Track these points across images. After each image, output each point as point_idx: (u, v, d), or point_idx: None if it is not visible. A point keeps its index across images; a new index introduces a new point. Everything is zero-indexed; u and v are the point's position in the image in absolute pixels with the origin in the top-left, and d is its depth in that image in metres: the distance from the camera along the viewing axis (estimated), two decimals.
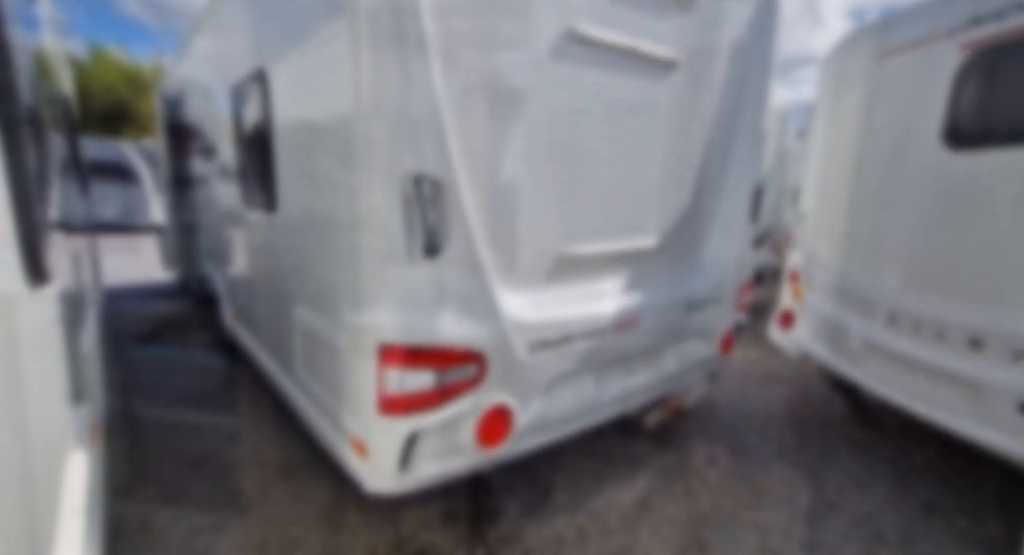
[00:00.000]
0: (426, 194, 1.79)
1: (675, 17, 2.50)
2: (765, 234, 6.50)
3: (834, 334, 3.20)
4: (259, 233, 3.19)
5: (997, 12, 2.27)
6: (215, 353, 4.77)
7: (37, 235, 0.81)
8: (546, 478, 2.85)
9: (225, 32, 3.38)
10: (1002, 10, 2.25)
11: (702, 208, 2.94)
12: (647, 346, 2.72)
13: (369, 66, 1.67)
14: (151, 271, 8.71)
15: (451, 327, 1.93)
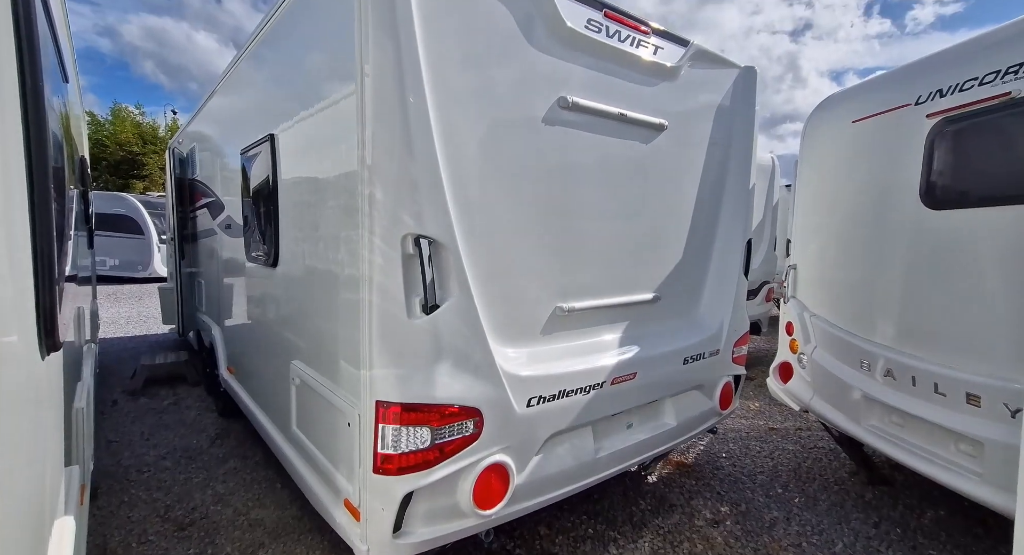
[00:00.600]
0: (426, 253, 1.85)
1: (661, 85, 2.67)
2: (761, 284, 6.57)
3: (833, 388, 3.19)
4: (259, 287, 3.24)
5: (957, 85, 2.44)
6: (208, 408, 4.70)
7: (55, 308, 0.84)
8: (546, 542, 2.75)
9: (237, 101, 3.58)
10: (961, 84, 2.42)
11: (696, 262, 3.01)
12: (645, 399, 2.70)
13: (373, 131, 1.77)
14: (149, 321, 8.72)
15: (448, 383, 1.93)
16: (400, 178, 1.81)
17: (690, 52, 2.73)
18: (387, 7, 1.73)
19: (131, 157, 25.48)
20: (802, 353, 3.48)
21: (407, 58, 1.77)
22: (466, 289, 1.96)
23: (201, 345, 5.12)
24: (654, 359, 2.68)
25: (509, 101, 2.11)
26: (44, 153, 0.73)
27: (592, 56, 2.34)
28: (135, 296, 11.35)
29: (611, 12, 2.37)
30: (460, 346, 1.96)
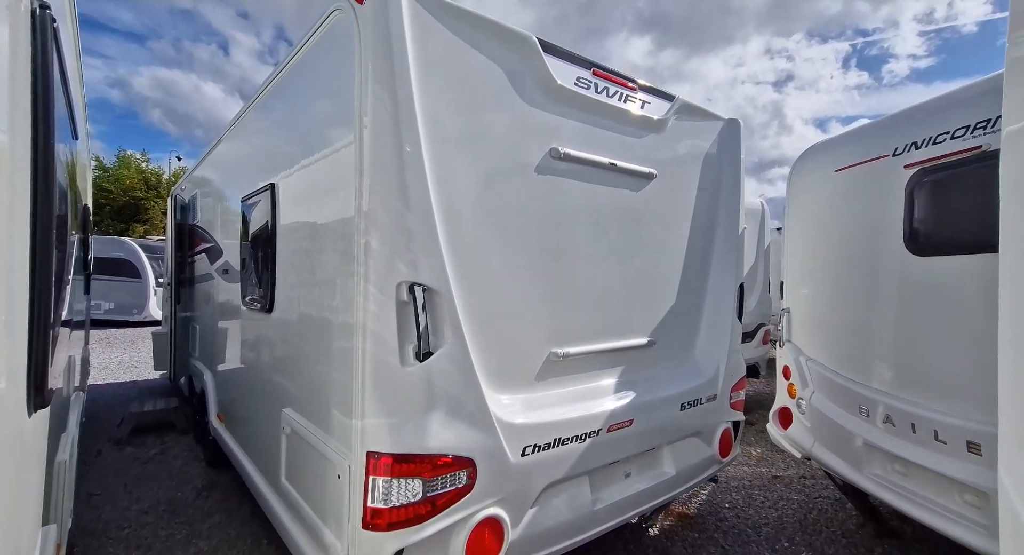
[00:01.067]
0: (420, 300, 1.86)
1: (649, 137, 2.78)
2: (757, 326, 6.57)
3: (833, 434, 3.14)
4: (254, 332, 3.23)
5: (931, 138, 2.56)
6: (196, 457, 4.56)
7: (47, 364, 0.85)
8: None
9: (241, 151, 3.69)
10: (934, 137, 2.54)
11: (689, 306, 3.03)
12: (642, 447, 2.65)
13: (370, 181, 1.83)
14: (140, 366, 8.59)
15: (441, 432, 1.90)
16: (396, 227, 1.85)
17: (675, 106, 2.86)
18: (386, 64, 1.82)
19: (134, 201, 25.90)
20: (800, 398, 3.44)
21: (404, 111, 1.85)
22: (460, 336, 1.96)
23: (192, 391, 5.03)
24: (650, 405, 2.65)
25: (502, 152, 2.19)
26: (49, 220, 0.76)
27: (582, 110, 2.45)
28: (128, 340, 11.23)
29: (599, 70, 2.50)
30: (453, 393, 1.95)
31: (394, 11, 1.81)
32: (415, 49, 1.87)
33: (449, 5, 1.98)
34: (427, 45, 1.91)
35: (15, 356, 0.74)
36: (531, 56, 2.24)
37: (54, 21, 0.75)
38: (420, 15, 1.89)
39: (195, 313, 5.07)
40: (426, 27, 1.91)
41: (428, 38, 1.92)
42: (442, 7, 1.96)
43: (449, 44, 2.00)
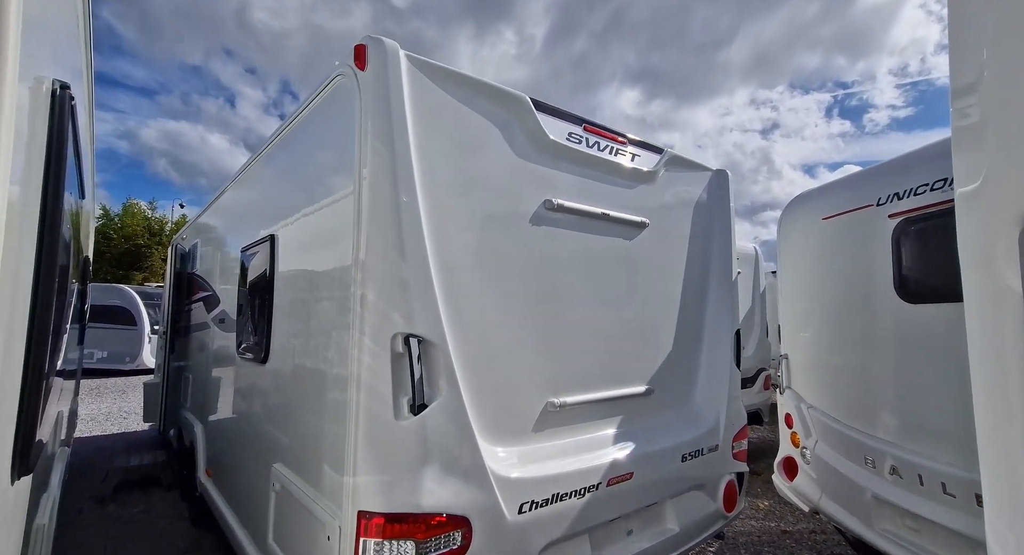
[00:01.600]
0: (415, 351, 1.86)
1: (640, 188, 2.86)
2: (757, 371, 6.50)
3: (840, 487, 3.04)
4: (247, 383, 3.18)
5: (912, 189, 2.65)
6: (180, 515, 4.38)
7: (35, 432, 0.83)
8: None
9: (243, 202, 3.78)
10: (915, 188, 2.63)
11: (686, 353, 3.02)
12: (644, 502, 2.56)
13: (368, 234, 1.87)
14: (130, 417, 8.37)
15: (435, 489, 1.84)
16: (392, 279, 1.87)
17: (665, 158, 2.97)
18: (385, 122, 1.90)
19: (135, 249, 26.12)
20: (804, 447, 3.36)
21: (401, 165, 1.91)
22: (455, 387, 1.94)
23: (181, 444, 4.89)
24: (651, 457, 2.58)
25: (498, 204, 2.25)
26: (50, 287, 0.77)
27: (575, 163, 2.54)
28: (118, 390, 11.00)
29: (590, 126, 2.61)
30: (448, 447, 1.90)
31: (393, 76, 1.92)
32: (413, 109, 1.96)
33: (445, 70, 2.09)
34: (424, 106, 2.01)
35: (2, 421, 0.73)
36: (524, 114, 2.35)
37: (72, 99, 0.80)
38: (418, 79, 2.00)
39: (189, 362, 5.01)
40: (424, 89, 2.02)
41: (425, 99, 2.02)
42: (439, 71, 2.07)
43: (446, 104, 2.10)
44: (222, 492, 3.41)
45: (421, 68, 2.01)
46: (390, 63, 1.91)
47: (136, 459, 5.25)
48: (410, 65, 1.97)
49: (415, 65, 1.99)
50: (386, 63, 1.90)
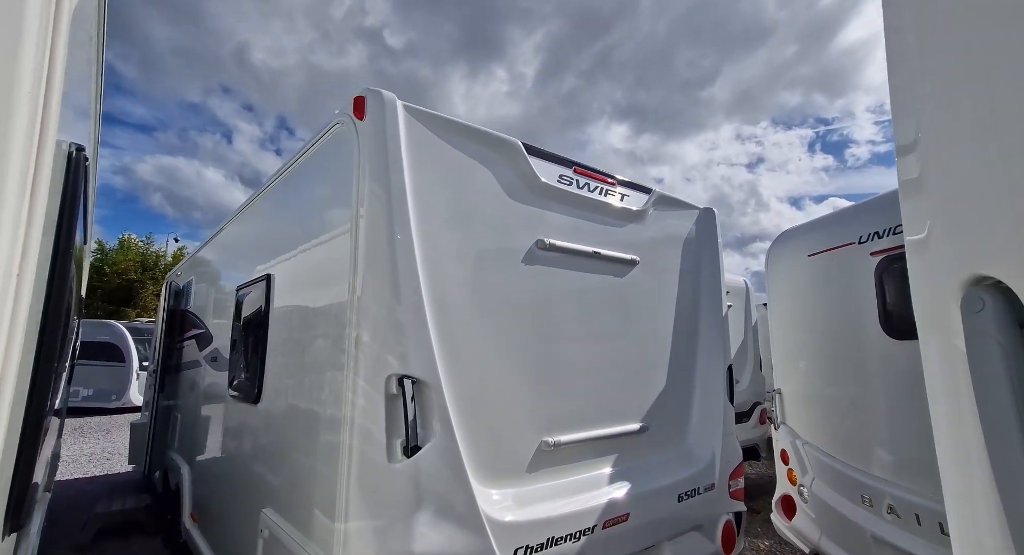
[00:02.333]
0: (408, 392, 1.86)
1: (630, 226, 2.94)
2: (752, 405, 6.46)
3: (839, 526, 3.00)
4: (238, 424, 3.14)
5: (891, 228, 2.75)
6: None
7: (29, 490, 0.83)
8: None
9: (239, 242, 3.83)
10: (894, 227, 2.73)
11: (680, 389, 3.03)
12: (641, 544, 2.52)
13: (363, 277, 1.91)
14: (113, 458, 8.13)
15: (427, 534, 1.81)
16: (387, 321, 1.90)
17: (653, 198, 3.06)
18: (382, 167, 1.97)
19: (127, 284, 25.91)
20: (802, 485, 3.33)
21: (397, 205, 1.97)
22: (448, 428, 1.94)
23: (167, 487, 4.75)
24: (646, 497, 2.55)
25: (491, 245, 2.31)
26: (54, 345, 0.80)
27: (566, 204, 2.62)
28: (102, 429, 10.71)
29: (580, 168, 2.70)
30: (442, 490, 1.88)
31: (391, 125, 2.00)
32: (409, 156, 2.04)
33: (441, 118, 2.19)
34: (420, 152, 2.09)
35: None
36: (516, 158, 2.44)
37: (86, 160, 0.85)
38: (414, 127, 2.09)
39: (178, 401, 4.93)
40: (419, 137, 2.10)
41: (421, 146, 2.10)
42: (434, 120, 2.16)
43: (441, 150, 2.18)
44: (207, 538, 3.31)
45: (417, 117, 2.10)
46: (387, 113, 2.00)
47: (118, 504, 5.07)
48: (407, 114, 2.06)
49: (411, 114, 2.08)
50: (384, 114, 1.99)
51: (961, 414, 0.57)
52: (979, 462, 0.53)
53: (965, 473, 0.60)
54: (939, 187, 0.63)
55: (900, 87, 0.73)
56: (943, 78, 0.64)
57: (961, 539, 0.64)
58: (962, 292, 0.57)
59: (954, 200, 0.61)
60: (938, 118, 0.65)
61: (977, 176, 0.58)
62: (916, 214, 0.69)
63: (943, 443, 0.67)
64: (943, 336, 0.61)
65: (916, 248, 0.69)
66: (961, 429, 0.57)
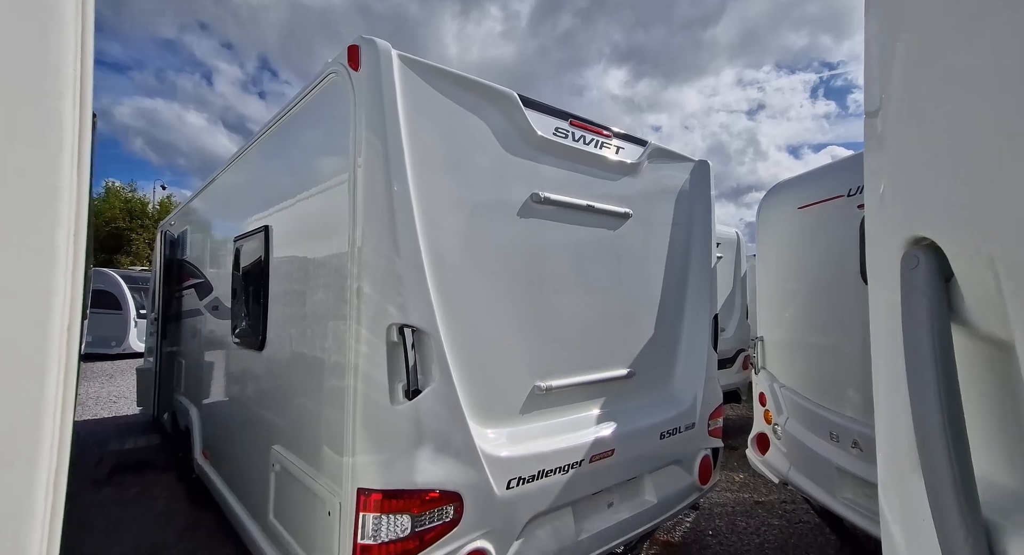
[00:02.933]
0: (409, 340, 1.97)
1: (624, 179, 2.97)
2: (736, 352, 6.74)
3: (808, 460, 3.26)
4: (243, 369, 3.27)
5: None
6: (177, 496, 4.50)
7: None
8: None
9: (235, 192, 3.81)
10: None
11: (667, 337, 3.17)
12: (624, 476, 2.74)
13: (363, 230, 1.95)
14: (120, 401, 8.41)
15: (429, 468, 1.97)
16: (387, 272, 1.97)
17: (648, 150, 3.07)
18: (378, 118, 1.96)
19: (117, 232, 25.60)
20: (776, 424, 3.57)
21: (394, 156, 1.98)
22: (447, 373, 2.06)
23: (175, 428, 4.98)
24: (631, 435, 2.74)
25: (487, 198, 2.34)
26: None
27: (561, 157, 2.62)
28: (106, 374, 10.98)
29: (576, 120, 2.69)
30: (441, 430, 2.03)
31: (386, 75, 1.98)
32: (405, 107, 2.03)
33: (436, 69, 2.15)
34: (416, 103, 2.07)
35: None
36: (513, 110, 2.42)
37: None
38: (410, 77, 2.06)
39: (182, 348, 5.07)
40: (416, 88, 2.08)
41: (417, 97, 2.08)
42: (430, 70, 2.13)
43: (437, 102, 2.16)
44: (220, 473, 3.53)
45: (412, 67, 2.07)
46: (383, 64, 1.97)
47: (130, 442, 5.33)
48: (402, 65, 2.03)
49: (407, 65, 2.05)
50: (379, 64, 1.96)
51: (894, 356, 0.66)
52: (903, 395, 0.62)
53: (892, 404, 0.70)
54: (894, 151, 0.69)
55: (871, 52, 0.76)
56: (907, 49, 0.68)
57: (885, 461, 0.76)
58: (903, 250, 0.65)
59: (904, 165, 0.67)
60: (897, 86, 0.70)
61: (924, 144, 0.64)
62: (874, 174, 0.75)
63: (879, 379, 0.76)
64: (887, 288, 0.69)
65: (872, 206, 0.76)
66: (893, 368, 0.66)
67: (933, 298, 0.59)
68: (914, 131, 0.65)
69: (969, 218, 0.57)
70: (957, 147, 0.58)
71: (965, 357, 0.60)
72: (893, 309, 0.66)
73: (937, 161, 0.61)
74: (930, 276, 0.60)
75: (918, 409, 0.60)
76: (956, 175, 0.59)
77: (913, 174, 0.65)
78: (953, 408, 0.57)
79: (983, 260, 0.54)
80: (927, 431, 0.58)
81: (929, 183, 0.63)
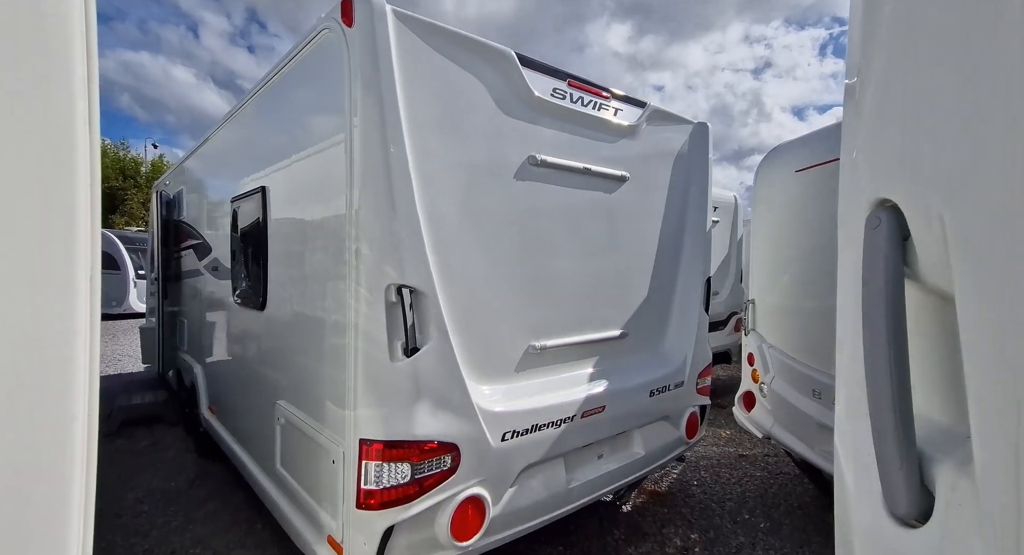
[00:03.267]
0: (407, 301, 2.02)
1: (622, 142, 2.96)
2: (729, 314, 6.85)
3: (790, 415, 3.41)
4: (245, 329, 3.35)
5: None
6: (186, 448, 4.68)
7: None
8: None
9: (231, 152, 3.77)
10: None
11: (660, 300, 3.25)
12: (614, 431, 2.87)
13: (360, 192, 1.98)
14: (124, 359, 8.58)
15: (427, 421, 2.08)
16: (385, 234, 2.00)
17: (647, 112, 3.04)
18: (373, 76, 1.94)
19: (110, 191, 25.28)
20: (762, 383, 3.70)
21: (390, 116, 1.98)
22: (444, 332, 2.14)
23: (181, 385, 5.13)
24: (622, 392, 2.86)
25: (483, 160, 2.35)
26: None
27: (558, 119, 2.61)
28: (109, 333, 11.13)
29: (574, 81, 2.65)
30: (438, 386, 2.12)
31: (380, 33, 1.94)
32: (400, 64, 2.00)
33: (433, 25, 2.11)
34: (411, 61, 2.04)
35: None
36: (510, 70, 2.39)
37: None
38: (405, 35, 2.03)
39: (183, 308, 5.15)
40: (411, 45, 2.05)
41: (413, 55, 2.05)
42: (425, 27, 2.09)
43: (432, 60, 2.13)
44: (226, 426, 3.67)
45: (407, 24, 2.03)
46: (377, 20, 1.93)
47: (137, 398, 5.49)
48: (397, 21, 1.99)
49: (402, 21, 2.01)
50: (373, 20, 1.92)
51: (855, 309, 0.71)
52: (860, 345, 0.69)
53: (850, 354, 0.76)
54: (866, 117, 0.72)
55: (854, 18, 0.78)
56: (885, 16, 0.70)
57: (841, 407, 0.83)
58: (868, 211, 0.69)
59: (873, 130, 0.71)
60: (873, 53, 0.72)
61: (891, 110, 0.67)
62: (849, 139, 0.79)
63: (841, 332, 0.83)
64: (852, 247, 0.74)
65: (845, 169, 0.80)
66: (853, 320, 0.72)
67: (890, 255, 0.64)
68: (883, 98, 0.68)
69: (925, 181, 0.61)
70: (919, 114, 0.61)
71: (917, 310, 0.66)
72: (857, 266, 0.71)
73: (902, 127, 0.64)
74: (889, 235, 0.65)
75: (869, 356, 0.66)
76: (916, 141, 0.62)
77: (881, 139, 0.68)
78: (900, 354, 0.63)
79: (935, 220, 0.59)
80: (875, 375, 0.64)
81: (895, 148, 0.66)
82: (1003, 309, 0.51)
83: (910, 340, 0.65)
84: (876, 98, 0.71)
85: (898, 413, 0.62)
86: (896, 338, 0.63)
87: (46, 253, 0.68)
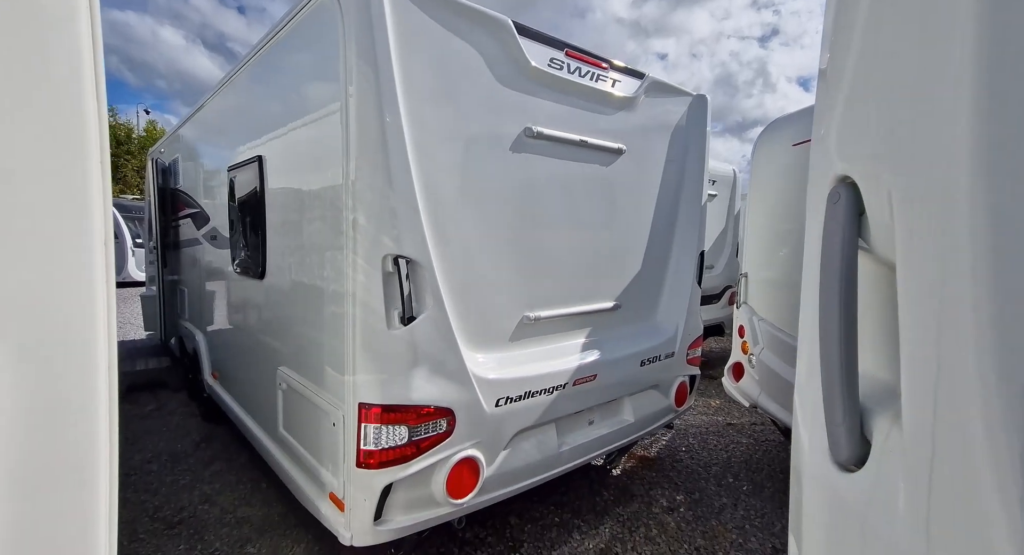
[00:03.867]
0: (403, 271, 2.08)
1: (619, 114, 2.95)
2: (724, 288, 6.93)
3: (776, 385, 3.52)
4: (245, 297, 3.41)
5: None
6: (191, 413, 4.82)
7: None
8: (515, 531, 3.00)
9: (226, 120, 3.74)
10: None
11: (653, 272, 3.30)
12: (605, 398, 2.97)
13: (357, 163, 2.00)
14: (126, 327, 8.68)
15: (423, 386, 2.16)
16: (381, 205, 2.04)
17: (646, 84, 3.02)
18: (368, 44, 1.94)
19: None
20: (751, 354, 3.80)
21: (386, 86, 1.98)
22: (440, 302, 2.20)
23: (183, 351, 5.23)
24: (614, 362, 2.95)
25: (479, 131, 2.36)
26: None
27: (555, 90, 2.60)
28: None
29: (572, 51, 2.63)
30: (434, 353, 2.20)
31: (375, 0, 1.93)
32: (395, 33, 1.99)
33: None
34: (407, 29, 2.03)
35: None
36: (506, 39, 2.37)
37: None
38: (400, 2, 2.01)
39: (183, 277, 5.20)
40: (406, 12, 2.03)
41: (408, 23, 2.04)
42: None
43: (428, 28, 2.12)
44: (229, 391, 3.78)
45: None
46: None
47: (141, 364, 5.61)
48: None
49: None
50: None
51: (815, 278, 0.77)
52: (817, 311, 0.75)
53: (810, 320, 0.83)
54: (835, 95, 0.76)
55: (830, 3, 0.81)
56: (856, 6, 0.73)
57: (800, 370, 0.90)
58: (831, 187, 0.74)
59: (839, 108, 0.75)
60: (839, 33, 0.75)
61: (854, 92, 0.71)
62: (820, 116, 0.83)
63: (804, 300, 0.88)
64: (816, 220, 0.79)
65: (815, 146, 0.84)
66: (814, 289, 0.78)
67: (847, 228, 0.69)
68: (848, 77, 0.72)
69: (877, 158, 0.66)
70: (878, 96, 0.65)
71: (870, 279, 0.71)
72: (819, 238, 0.76)
73: (864, 109, 0.68)
74: (847, 209, 0.70)
75: (823, 320, 0.72)
76: (872, 121, 0.66)
77: (843, 120, 0.72)
78: (849, 318, 0.69)
79: (884, 194, 0.63)
80: (827, 338, 0.70)
81: (857, 125, 0.70)
82: (933, 277, 0.56)
83: (863, 307, 0.71)
84: (842, 79, 0.74)
85: (844, 371, 0.68)
86: (847, 305, 0.69)
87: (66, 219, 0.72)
